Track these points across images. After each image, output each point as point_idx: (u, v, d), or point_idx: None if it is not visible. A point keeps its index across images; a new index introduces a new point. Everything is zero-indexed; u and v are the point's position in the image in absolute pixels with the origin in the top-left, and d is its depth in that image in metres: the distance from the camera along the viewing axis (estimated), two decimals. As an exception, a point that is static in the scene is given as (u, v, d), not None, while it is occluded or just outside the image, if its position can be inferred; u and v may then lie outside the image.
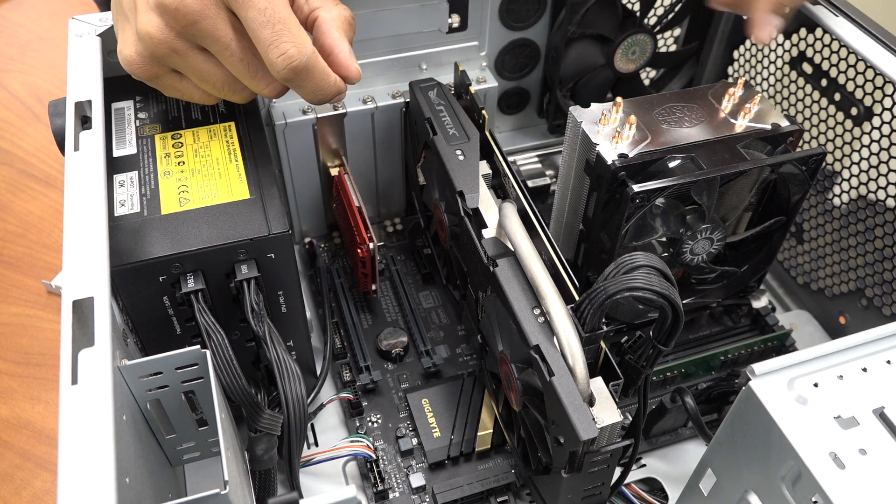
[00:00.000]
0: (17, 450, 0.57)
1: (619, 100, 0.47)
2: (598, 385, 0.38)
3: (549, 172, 0.65)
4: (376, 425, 0.52)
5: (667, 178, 0.44)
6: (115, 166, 0.44)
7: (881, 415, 0.33)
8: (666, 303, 0.35)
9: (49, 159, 0.81)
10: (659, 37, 0.63)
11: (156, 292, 0.41)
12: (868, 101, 0.51)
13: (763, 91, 0.61)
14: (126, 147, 0.45)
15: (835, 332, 0.59)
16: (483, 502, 0.48)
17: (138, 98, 0.48)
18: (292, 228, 0.63)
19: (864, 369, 0.34)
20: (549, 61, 0.64)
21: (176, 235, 0.40)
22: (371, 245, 0.52)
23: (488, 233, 0.44)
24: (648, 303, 0.36)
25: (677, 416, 0.50)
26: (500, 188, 0.49)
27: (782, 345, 0.56)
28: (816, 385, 0.33)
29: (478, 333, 0.47)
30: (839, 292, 0.58)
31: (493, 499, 0.48)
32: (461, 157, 0.48)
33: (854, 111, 0.53)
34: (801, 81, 0.57)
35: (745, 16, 0.50)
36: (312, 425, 0.51)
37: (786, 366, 0.34)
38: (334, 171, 0.59)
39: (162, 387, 0.39)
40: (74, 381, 0.30)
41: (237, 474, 0.38)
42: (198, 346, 0.38)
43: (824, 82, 0.55)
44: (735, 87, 0.49)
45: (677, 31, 0.67)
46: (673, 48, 0.68)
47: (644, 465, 0.50)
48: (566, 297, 0.39)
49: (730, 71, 0.65)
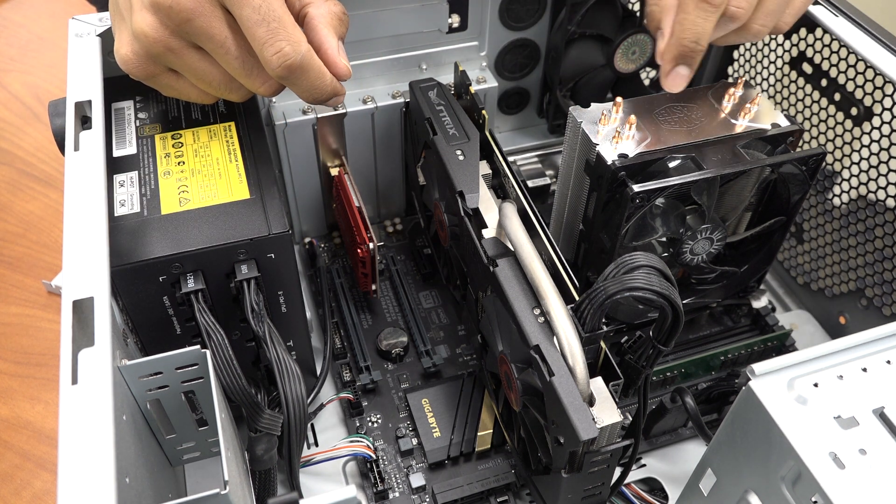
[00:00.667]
0: (17, 450, 0.57)
1: (619, 100, 0.47)
2: (598, 385, 0.38)
3: (549, 172, 0.65)
4: (376, 425, 0.52)
5: (667, 178, 0.44)
6: (115, 166, 0.44)
7: (881, 415, 0.33)
8: (666, 303, 0.35)
9: (49, 159, 0.81)
10: (659, 37, 0.63)
11: (156, 292, 0.41)
12: (868, 101, 0.51)
13: (763, 91, 0.61)
14: (126, 147, 0.45)
15: (835, 332, 0.59)
16: (483, 502, 0.48)
17: (138, 98, 0.48)
18: (292, 228, 0.63)
19: (864, 369, 0.34)
20: (549, 61, 0.64)
21: (176, 235, 0.40)
22: (371, 245, 0.52)
23: (488, 233, 0.44)
24: (648, 303, 0.36)
25: (677, 416, 0.50)
26: (500, 188, 0.49)
27: (782, 345, 0.56)
28: (816, 385, 0.33)
29: (478, 333, 0.47)
30: (839, 292, 0.58)
31: (493, 499, 0.48)
32: (461, 157, 0.48)
33: (854, 111, 0.53)
34: (801, 81, 0.57)
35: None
36: (312, 425, 0.51)
37: (786, 366, 0.34)
38: (334, 171, 0.59)
39: (162, 387, 0.39)
40: (74, 381, 0.30)
41: (237, 474, 0.38)
42: (198, 346, 0.38)
43: (824, 82, 0.55)
44: (735, 86, 0.49)
45: (677, 31, 0.67)
46: (673, 48, 0.68)
47: (644, 465, 0.50)
48: (566, 297, 0.39)
49: (730, 71, 0.65)
